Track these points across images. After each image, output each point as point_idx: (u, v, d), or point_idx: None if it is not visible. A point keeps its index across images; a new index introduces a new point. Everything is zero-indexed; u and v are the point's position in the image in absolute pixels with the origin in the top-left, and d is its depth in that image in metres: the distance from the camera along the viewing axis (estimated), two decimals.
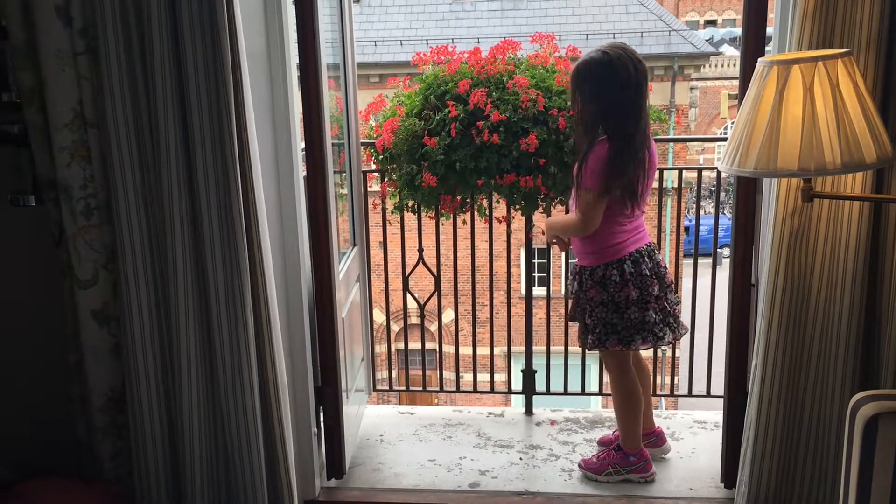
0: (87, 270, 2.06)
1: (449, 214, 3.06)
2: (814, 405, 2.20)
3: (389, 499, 2.65)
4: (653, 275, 2.49)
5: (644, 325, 2.49)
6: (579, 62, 2.41)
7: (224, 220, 1.99)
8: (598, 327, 2.52)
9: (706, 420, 3.11)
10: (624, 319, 2.49)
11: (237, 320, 2.04)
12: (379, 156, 2.99)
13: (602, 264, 2.48)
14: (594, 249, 2.49)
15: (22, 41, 1.95)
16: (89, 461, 2.22)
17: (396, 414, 3.24)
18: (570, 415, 3.19)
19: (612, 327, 2.50)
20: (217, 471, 2.20)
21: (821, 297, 2.12)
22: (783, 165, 1.70)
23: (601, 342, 2.53)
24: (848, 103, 1.68)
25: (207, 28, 1.88)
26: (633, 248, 2.49)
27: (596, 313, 2.52)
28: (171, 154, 1.96)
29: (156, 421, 2.13)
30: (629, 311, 2.48)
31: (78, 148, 1.99)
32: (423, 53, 3.00)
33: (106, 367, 2.14)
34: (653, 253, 2.53)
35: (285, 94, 2.29)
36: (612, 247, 2.47)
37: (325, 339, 2.57)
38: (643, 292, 2.48)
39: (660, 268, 2.54)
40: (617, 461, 2.66)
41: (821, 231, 2.08)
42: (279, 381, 2.17)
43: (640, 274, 2.47)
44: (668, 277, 2.57)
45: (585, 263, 2.54)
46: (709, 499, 2.58)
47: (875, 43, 1.92)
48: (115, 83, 1.92)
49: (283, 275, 2.40)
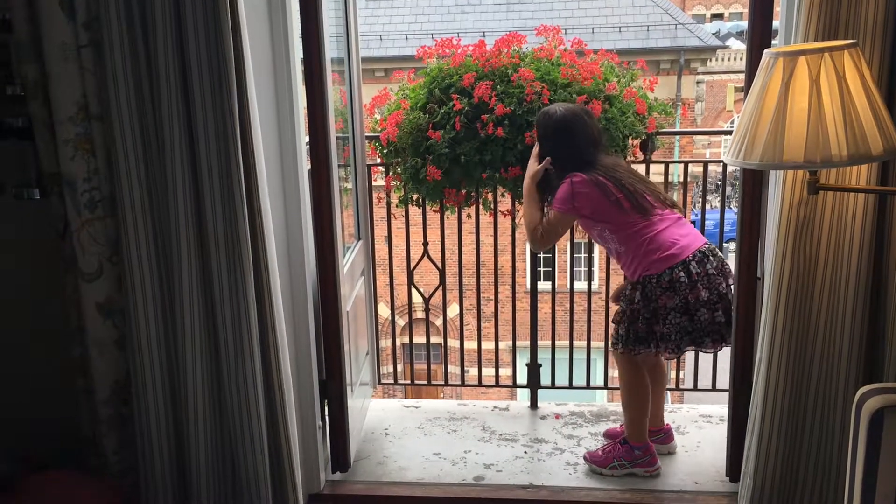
0: (91, 263, 2.06)
1: (454, 208, 3.06)
2: (818, 398, 2.19)
3: (394, 492, 2.66)
4: (711, 275, 2.48)
5: (713, 327, 2.49)
6: (539, 114, 2.59)
7: (228, 214, 1.99)
8: (673, 334, 2.49)
9: (711, 414, 3.11)
10: (694, 322, 2.48)
11: (241, 313, 2.05)
12: (383, 149, 2.99)
13: (667, 268, 2.46)
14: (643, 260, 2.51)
15: (26, 34, 1.95)
16: (94, 454, 2.22)
17: (401, 408, 3.25)
18: (575, 408, 3.19)
19: (684, 330, 2.48)
20: (222, 464, 2.20)
21: (825, 289, 2.12)
22: (789, 157, 1.69)
23: (678, 348, 2.52)
24: (854, 95, 1.66)
25: (211, 21, 1.88)
26: (686, 252, 2.47)
27: (670, 319, 2.48)
28: (175, 147, 1.96)
29: (161, 414, 2.14)
30: (699, 312, 2.47)
31: (82, 141, 1.99)
32: (428, 47, 2.99)
33: (110, 360, 2.14)
34: (709, 255, 2.51)
35: (289, 88, 2.29)
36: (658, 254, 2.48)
37: (329, 333, 2.57)
38: (711, 293, 2.48)
39: (723, 266, 2.53)
40: (622, 455, 2.66)
41: (825, 223, 2.07)
42: (283, 373, 2.18)
43: (707, 274, 2.47)
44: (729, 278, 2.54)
45: (649, 272, 2.49)
46: (714, 492, 2.58)
47: (881, 34, 1.91)
48: (118, 76, 1.92)
49: (288, 269, 2.40)
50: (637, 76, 2.95)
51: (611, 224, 2.50)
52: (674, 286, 2.45)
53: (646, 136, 2.91)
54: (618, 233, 2.51)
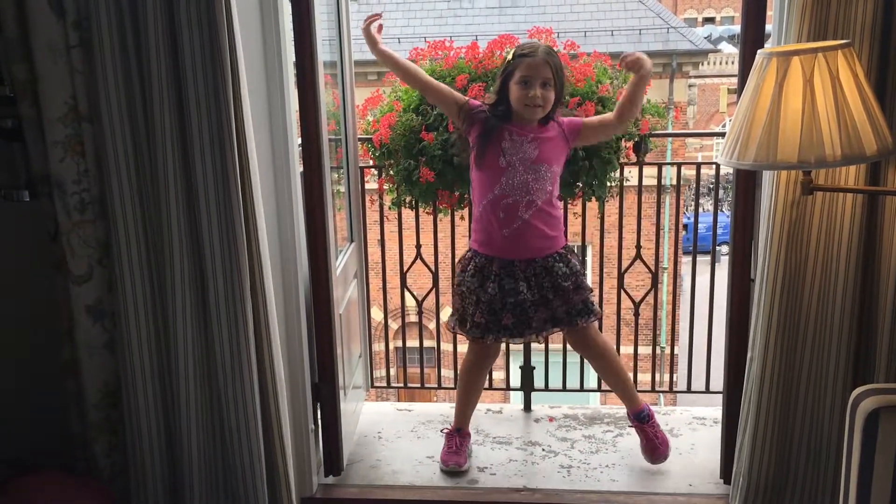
0: (81, 265, 2.05)
1: (447, 210, 3.05)
2: (808, 397, 2.20)
3: (387, 496, 2.64)
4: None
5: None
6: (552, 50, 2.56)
7: (223, 216, 1.98)
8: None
9: (705, 416, 3.10)
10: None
11: (238, 316, 2.03)
12: (376, 151, 2.98)
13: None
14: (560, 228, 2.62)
15: (15, 34, 1.93)
16: (84, 458, 2.20)
17: (394, 411, 3.23)
18: (569, 411, 3.18)
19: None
20: (215, 468, 2.18)
21: (815, 290, 2.12)
22: (783, 158, 1.69)
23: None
24: (848, 95, 1.66)
25: (206, 20, 1.86)
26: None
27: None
28: (168, 148, 1.94)
29: (151, 417, 2.12)
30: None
31: (72, 142, 1.97)
32: (421, 49, 2.98)
33: (100, 363, 2.12)
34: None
35: (281, 90, 2.27)
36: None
37: (322, 336, 2.55)
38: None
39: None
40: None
41: (814, 224, 2.08)
42: (277, 376, 2.16)
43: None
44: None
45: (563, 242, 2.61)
46: (708, 494, 2.57)
47: (869, 34, 1.91)
48: (109, 76, 1.90)
49: (280, 271, 2.39)
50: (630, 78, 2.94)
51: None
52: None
53: (639, 138, 2.91)
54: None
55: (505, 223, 2.49)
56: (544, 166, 2.49)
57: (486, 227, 2.54)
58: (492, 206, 2.50)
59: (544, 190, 2.50)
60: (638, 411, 2.72)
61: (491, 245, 2.54)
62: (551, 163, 2.51)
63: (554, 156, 2.52)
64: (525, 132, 2.49)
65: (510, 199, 2.48)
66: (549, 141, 2.51)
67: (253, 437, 2.11)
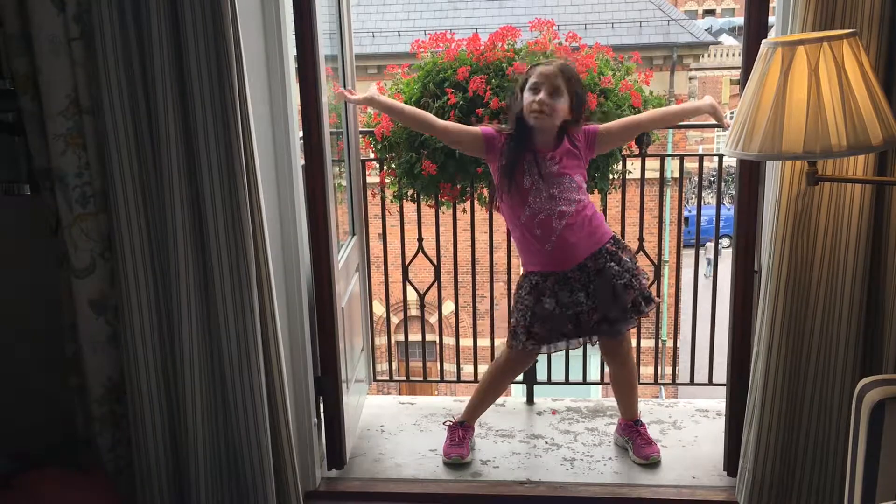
0: (83, 259, 2.04)
1: (449, 203, 3.04)
2: (815, 391, 2.19)
3: (390, 489, 2.64)
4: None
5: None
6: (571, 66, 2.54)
7: (229, 210, 1.97)
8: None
9: (708, 408, 3.10)
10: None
11: (245, 310, 2.03)
12: (378, 144, 2.97)
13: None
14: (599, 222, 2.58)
15: (16, 27, 1.92)
16: (88, 452, 2.20)
17: (397, 404, 3.23)
18: (572, 404, 3.18)
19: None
20: (220, 461, 2.18)
21: (822, 282, 2.11)
22: (788, 148, 1.68)
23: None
24: (854, 84, 1.65)
25: (208, 13, 1.85)
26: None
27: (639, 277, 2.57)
28: (171, 141, 1.94)
29: (156, 411, 2.12)
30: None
31: (73, 135, 1.96)
32: (422, 41, 2.97)
33: (104, 357, 2.12)
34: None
35: (282, 83, 2.27)
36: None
37: (324, 330, 2.55)
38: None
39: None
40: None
41: (822, 215, 2.07)
42: (282, 370, 2.16)
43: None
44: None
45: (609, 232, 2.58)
46: (711, 487, 2.57)
47: (878, 24, 1.90)
48: (110, 69, 1.90)
49: (283, 265, 2.38)
50: (632, 70, 2.94)
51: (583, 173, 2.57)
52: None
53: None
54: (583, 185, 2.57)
55: (543, 239, 2.50)
56: (567, 178, 2.50)
57: (529, 247, 2.55)
58: (526, 226, 2.52)
59: (571, 199, 2.49)
60: (636, 419, 2.77)
61: (539, 262, 2.55)
62: (573, 174, 2.52)
63: (575, 165, 2.53)
64: (544, 151, 2.49)
65: (542, 215, 2.48)
66: (568, 153, 2.51)
67: (261, 430, 2.11)
